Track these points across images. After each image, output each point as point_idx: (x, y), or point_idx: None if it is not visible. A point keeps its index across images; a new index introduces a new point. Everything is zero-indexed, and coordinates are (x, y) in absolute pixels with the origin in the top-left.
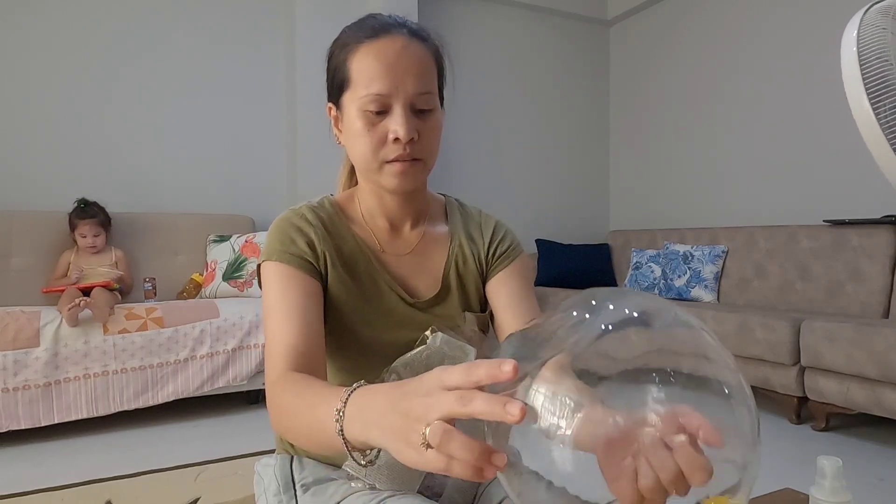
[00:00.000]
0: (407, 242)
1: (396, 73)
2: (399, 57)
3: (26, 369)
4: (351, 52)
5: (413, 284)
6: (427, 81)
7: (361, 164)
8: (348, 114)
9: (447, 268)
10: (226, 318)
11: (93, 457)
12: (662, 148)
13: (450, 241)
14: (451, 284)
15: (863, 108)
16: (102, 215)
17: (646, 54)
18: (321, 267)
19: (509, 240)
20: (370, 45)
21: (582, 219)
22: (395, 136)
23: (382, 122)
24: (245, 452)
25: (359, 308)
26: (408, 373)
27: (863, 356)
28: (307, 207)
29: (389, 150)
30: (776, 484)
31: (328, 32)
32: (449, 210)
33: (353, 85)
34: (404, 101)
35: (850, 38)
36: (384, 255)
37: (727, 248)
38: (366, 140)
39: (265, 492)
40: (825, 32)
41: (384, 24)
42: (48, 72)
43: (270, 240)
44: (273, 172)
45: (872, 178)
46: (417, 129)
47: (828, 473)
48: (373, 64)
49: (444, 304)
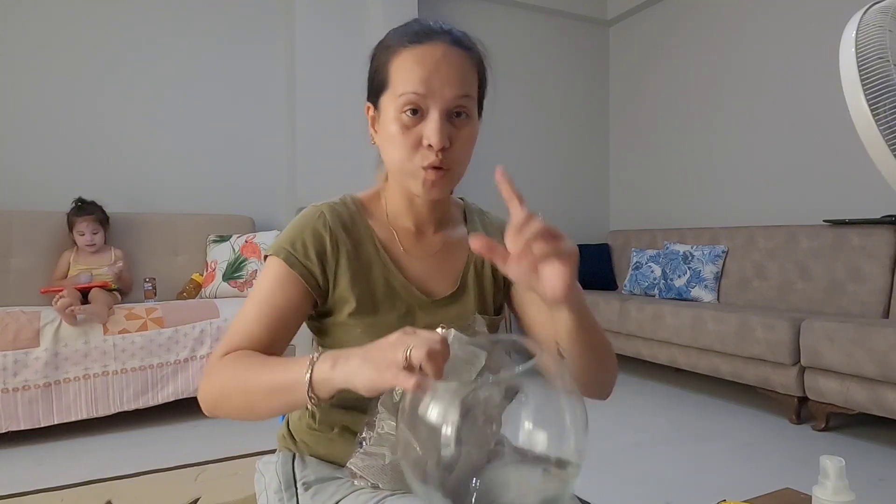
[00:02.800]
0: (430, 245)
1: (434, 79)
2: (438, 63)
3: (26, 369)
4: (392, 54)
5: (431, 286)
6: (465, 90)
7: (394, 167)
8: (385, 115)
9: (466, 269)
10: (226, 319)
11: (93, 457)
12: (662, 148)
13: (469, 245)
14: (469, 284)
15: (861, 110)
16: (100, 213)
17: (646, 54)
18: (328, 278)
19: None
20: (412, 49)
21: (582, 219)
22: (428, 143)
23: (417, 127)
24: (245, 452)
25: (369, 310)
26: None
27: (863, 356)
28: (329, 208)
29: (422, 155)
30: (776, 484)
31: (328, 32)
32: (468, 215)
33: (391, 87)
34: (440, 108)
35: (849, 38)
36: (406, 256)
37: (727, 248)
38: (400, 143)
39: (266, 489)
40: (825, 32)
41: (427, 30)
42: (48, 72)
43: (286, 235)
44: (273, 172)
45: (872, 178)
46: (451, 137)
47: (831, 473)
48: (412, 68)
49: (460, 303)
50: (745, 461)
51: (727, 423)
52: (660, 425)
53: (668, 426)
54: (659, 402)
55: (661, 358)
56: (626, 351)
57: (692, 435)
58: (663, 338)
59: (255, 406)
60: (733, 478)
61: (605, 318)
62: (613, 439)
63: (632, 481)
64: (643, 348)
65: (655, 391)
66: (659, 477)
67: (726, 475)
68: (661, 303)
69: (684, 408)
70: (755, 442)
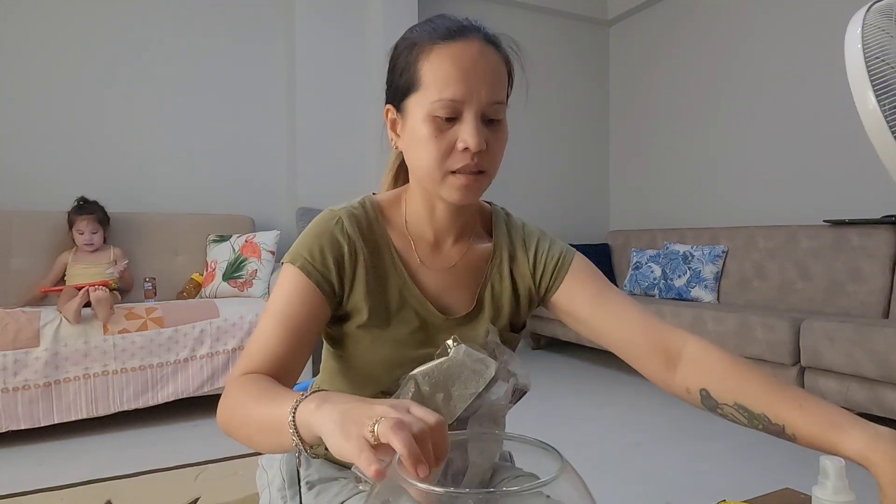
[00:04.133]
0: (448, 257)
1: (472, 79)
2: (476, 62)
3: (26, 369)
4: (422, 52)
5: (446, 301)
6: (499, 90)
7: (423, 172)
8: (413, 118)
9: (483, 285)
10: (226, 318)
11: (93, 457)
12: (662, 148)
13: (491, 256)
14: (485, 302)
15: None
16: (100, 213)
17: (645, 54)
18: (345, 286)
19: (557, 250)
20: (446, 47)
21: (582, 219)
22: (464, 146)
23: (451, 130)
24: (245, 452)
25: (381, 323)
26: (426, 383)
27: (863, 356)
28: (347, 213)
29: (456, 159)
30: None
31: (328, 32)
32: (495, 222)
33: (423, 88)
34: (476, 110)
35: (855, 35)
36: (422, 268)
37: (727, 248)
38: (432, 147)
39: (269, 485)
40: (825, 32)
41: (461, 27)
42: (48, 72)
43: (303, 242)
44: (273, 172)
45: (872, 178)
46: (486, 140)
47: (831, 473)
48: (448, 68)
49: (476, 323)
50: (745, 461)
51: (727, 423)
52: (660, 425)
53: (668, 426)
54: (659, 402)
55: None
56: None
57: (692, 435)
58: None
59: (253, 440)
60: (733, 478)
61: None
62: (613, 439)
63: (632, 481)
64: None
65: (655, 391)
66: (659, 477)
67: (726, 475)
68: (661, 303)
69: (684, 408)
70: (755, 442)
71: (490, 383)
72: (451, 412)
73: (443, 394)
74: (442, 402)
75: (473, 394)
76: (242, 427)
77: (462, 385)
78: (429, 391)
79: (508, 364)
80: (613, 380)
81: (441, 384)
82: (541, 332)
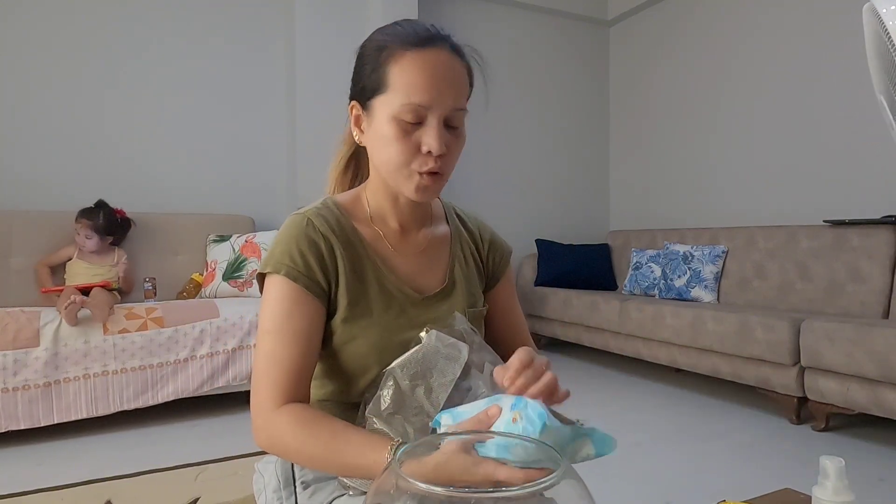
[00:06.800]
0: (416, 242)
1: (439, 86)
2: (443, 71)
3: (26, 369)
4: (392, 56)
5: (421, 282)
6: (462, 98)
7: (387, 170)
8: (378, 117)
9: (451, 264)
10: (226, 318)
11: (93, 456)
12: (662, 148)
13: (451, 241)
14: (457, 279)
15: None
16: (103, 221)
17: (646, 54)
18: (331, 283)
19: (505, 248)
20: (415, 53)
21: (582, 219)
22: (427, 149)
23: (416, 133)
24: (245, 452)
25: (364, 312)
26: (405, 376)
27: (863, 356)
28: (315, 214)
29: (419, 161)
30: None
31: (328, 32)
32: (448, 212)
33: (390, 91)
34: (440, 115)
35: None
36: (394, 255)
37: (727, 248)
38: (396, 148)
39: (265, 488)
40: (825, 33)
41: (430, 35)
42: (48, 72)
43: (280, 250)
44: (273, 172)
45: (872, 178)
46: (447, 144)
47: (831, 473)
48: (417, 74)
49: (451, 299)
50: (745, 461)
51: (727, 423)
52: (660, 425)
53: (668, 426)
54: (659, 402)
55: (661, 358)
56: (626, 351)
57: (692, 435)
58: (663, 338)
59: (328, 470)
60: (733, 478)
61: (605, 319)
62: None
63: (632, 481)
64: (643, 348)
65: (655, 391)
66: (659, 477)
67: (726, 475)
68: (661, 303)
69: (684, 408)
70: (755, 442)
71: (466, 367)
72: (434, 404)
73: (423, 387)
74: (424, 395)
75: (452, 381)
76: (307, 462)
77: (440, 374)
78: (409, 385)
79: (481, 349)
80: (613, 380)
81: (419, 375)
82: (541, 332)
